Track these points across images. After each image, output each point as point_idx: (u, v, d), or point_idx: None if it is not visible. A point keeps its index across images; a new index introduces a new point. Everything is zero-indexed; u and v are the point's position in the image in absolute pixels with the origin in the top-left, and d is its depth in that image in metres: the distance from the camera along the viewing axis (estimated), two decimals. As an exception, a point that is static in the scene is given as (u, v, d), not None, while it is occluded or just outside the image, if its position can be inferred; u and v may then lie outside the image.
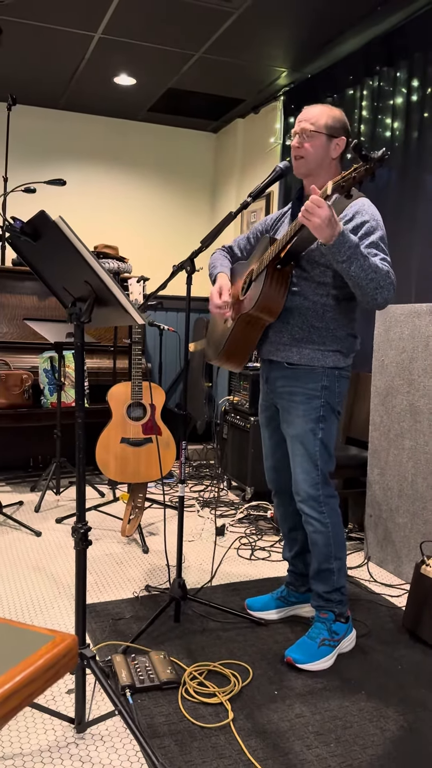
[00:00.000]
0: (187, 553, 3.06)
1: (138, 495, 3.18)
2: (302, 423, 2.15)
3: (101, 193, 5.19)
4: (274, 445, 2.36)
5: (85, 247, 1.55)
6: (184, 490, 2.34)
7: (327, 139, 2.09)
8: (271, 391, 2.28)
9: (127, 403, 3.13)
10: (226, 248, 2.47)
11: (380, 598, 2.65)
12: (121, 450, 3.11)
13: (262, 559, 3.02)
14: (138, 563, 2.93)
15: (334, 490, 2.20)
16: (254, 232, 2.41)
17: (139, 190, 5.31)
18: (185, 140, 5.42)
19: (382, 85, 3.56)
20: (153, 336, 5.05)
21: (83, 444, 1.72)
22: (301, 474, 2.16)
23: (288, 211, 2.29)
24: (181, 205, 5.45)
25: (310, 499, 2.15)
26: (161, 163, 5.36)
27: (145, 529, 3.37)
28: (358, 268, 1.89)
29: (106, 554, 3.03)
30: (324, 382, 2.13)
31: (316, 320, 2.11)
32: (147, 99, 4.76)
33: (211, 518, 3.59)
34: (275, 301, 2.09)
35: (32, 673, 0.96)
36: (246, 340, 2.21)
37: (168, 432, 3.18)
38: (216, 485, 4.20)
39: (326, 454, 2.16)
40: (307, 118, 2.09)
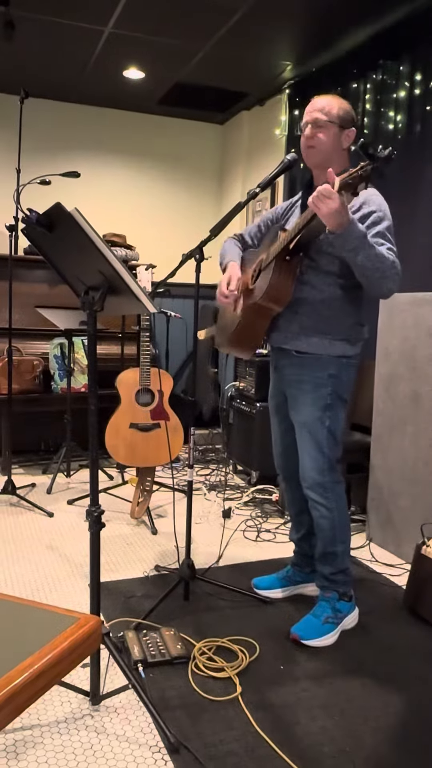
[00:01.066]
0: (195, 535, 3.08)
1: (146, 479, 3.19)
2: (310, 410, 2.14)
3: (110, 183, 5.16)
4: (283, 432, 2.36)
5: (100, 238, 1.55)
6: (192, 474, 2.34)
7: (339, 129, 2.09)
8: (280, 378, 2.28)
9: (135, 388, 3.13)
10: (238, 236, 2.46)
11: (382, 578, 2.66)
12: (130, 435, 3.11)
13: (268, 541, 3.04)
14: (147, 544, 2.95)
15: (340, 476, 2.20)
16: (265, 221, 2.40)
17: (148, 181, 5.29)
18: (193, 132, 5.38)
19: (385, 79, 3.52)
20: (160, 323, 5.04)
21: (96, 430, 1.72)
22: (309, 461, 2.16)
23: (298, 200, 2.28)
24: (188, 195, 5.42)
25: (317, 485, 2.16)
26: (169, 154, 5.33)
27: (154, 512, 3.38)
28: (364, 257, 1.89)
29: (117, 535, 3.05)
30: (331, 371, 2.13)
31: (324, 309, 2.10)
32: (156, 92, 4.72)
33: (217, 501, 3.61)
34: (283, 291, 2.09)
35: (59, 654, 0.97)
36: (254, 328, 2.21)
37: (176, 417, 3.18)
38: (222, 469, 4.20)
39: (333, 441, 2.16)
40: (319, 108, 2.08)
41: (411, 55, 3.35)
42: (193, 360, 2.35)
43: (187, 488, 2.33)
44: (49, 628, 1.04)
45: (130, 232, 4.98)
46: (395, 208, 3.45)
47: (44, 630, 1.03)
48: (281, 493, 3.38)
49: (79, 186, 4.99)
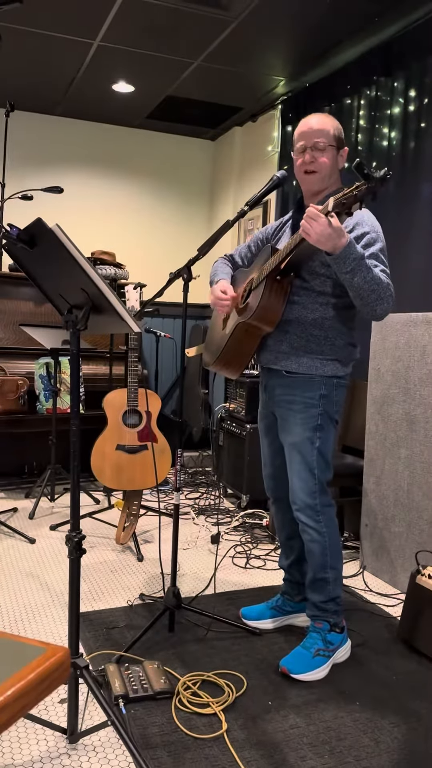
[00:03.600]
0: (182, 562, 3.05)
1: (133, 502, 3.17)
2: (300, 431, 2.15)
3: (98, 199, 5.19)
4: (273, 453, 2.36)
5: (82, 255, 1.56)
6: (180, 498, 2.33)
7: (335, 151, 2.12)
8: (269, 399, 2.29)
9: (122, 409, 3.13)
10: (228, 257, 2.49)
11: (375, 608, 2.64)
12: (116, 457, 3.10)
13: (258, 568, 3.02)
14: (132, 571, 2.92)
15: (331, 500, 2.20)
16: (255, 240, 2.43)
17: (137, 197, 5.32)
18: (183, 147, 5.43)
19: (379, 95, 3.58)
20: (149, 342, 5.05)
21: (78, 451, 1.71)
22: (298, 482, 2.16)
23: (289, 220, 2.30)
24: (178, 212, 5.46)
25: (307, 507, 2.15)
26: (159, 170, 5.37)
27: (140, 537, 3.36)
28: (361, 279, 1.90)
29: (101, 562, 3.02)
30: (322, 391, 2.14)
31: (315, 329, 2.12)
32: (145, 106, 4.78)
33: (206, 526, 3.59)
34: (273, 311, 2.10)
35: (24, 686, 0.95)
36: (243, 348, 2.22)
37: (164, 439, 3.18)
38: (211, 493, 4.19)
39: (323, 462, 2.16)
40: (318, 130, 2.10)
41: (405, 71, 3.41)
42: (182, 380, 2.35)
43: (174, 512, 2.31)
44: (14, 660, 1.02)
45: (119, 250, 5.01)
46: (389, 226, 3.49)
47: (9, 662, 1.02)
48: (272, 518, 3.36)
49: (68, 202, 5.03)
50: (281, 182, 2.20)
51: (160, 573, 2.86)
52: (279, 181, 2.20)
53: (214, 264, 2.47)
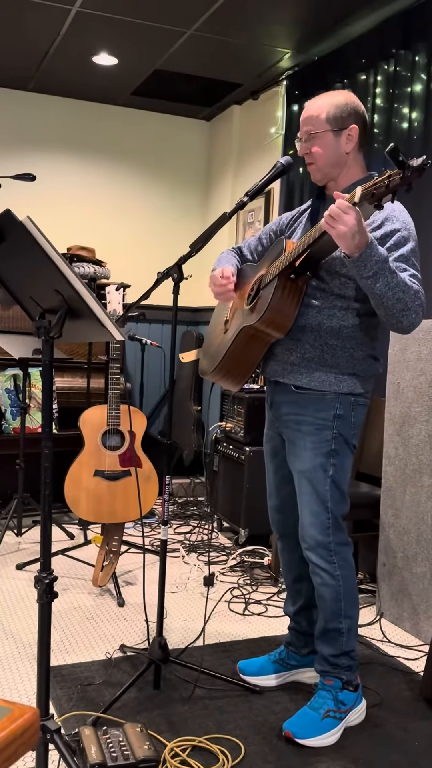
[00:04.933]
0: (170, 607, 3.04)
1: (113, 537, 3.16)
2: (311, 457, 2.15)
3: (77, 188, 5.22)
4: (279, 482, 2.36)
5: (57, 252, 1.56)
6: (167, 533, 2.32)
7: (334, 134, 2.11)
8: (276, 418, 2.28)
9: (102, 429, 3.13)
10: (235, 249, 2.49)
11: (395, 662, 2.63)
12: (94, 484, 3.09)
13: (258, 615, 3.01)
14: (112, 618, 2.91)
15: (347, 537, 2.20)
16: (267, 232, 2.43)
17: (120, 186, 5.35)
18: (174, 129, 5.47)
19: (398, 70, 3.62)
20: (134, 352, 5.05)
21: (50, 478, 1.71)
22: (309, 516, 2.16)
23: (307, 210, 2.30)
24: (168, 202, 5.49)
25: (319, 546, 2.15)
26: (146, 154, 5.40)
27: (121, 578, 3.35)
28: (384, 285, 1.90)
29: (75, 607, 3.01)
30: (337, 411, 2.13)
31: (332, 338, 2.12)
32: (130, 81, 4.81)
33: (198, 565, 3.57)
34: (285, 315, 2.10)
35: (-16, 752, 0.94)
36: (247, 356, 2.22)
37: (149, 464, 3.18)
38: (205, 526, 4.18)
39: (338, 494, 2.16)
40: (307, 117, 2.12)
41: (427, 42, 3.45)
42: (171, 396, 2.35)
43: (161, 549, 2.30)
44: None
45: (100, 245, 5.02)
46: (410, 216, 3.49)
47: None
48: (275, 556, 3.36)
49: (41, 190, 5.05)
50: (286, 169, 2.21)
51: (145, 620, 2.85)
52: (283, 169, 2.21)
53: (220, 256, 2.47)
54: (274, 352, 2.20)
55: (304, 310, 2.12)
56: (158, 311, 4.85)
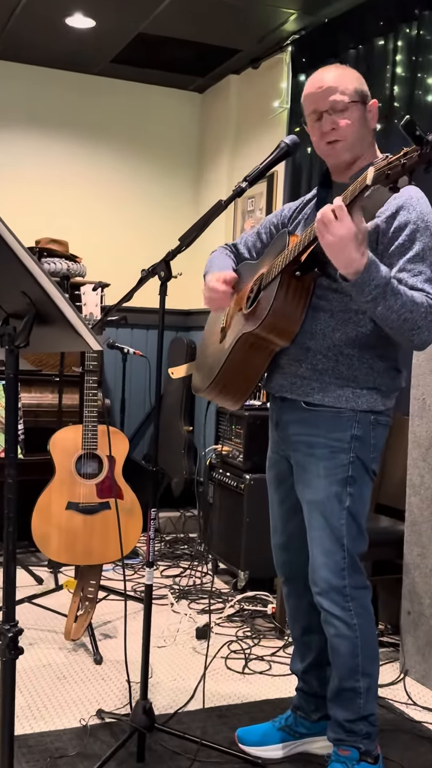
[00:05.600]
0: (156, 664, 3.03)
1: (89, 582, 3.15)
2: (324, 485, 2.15)
3: (47, 170, 5.23)
4: (286, 515, 2.35)
5: (22, 246, 1.56)
6: (153, 576, 2.31)
7: (362, 107, 2.14)
8: (282, 439, 2.29)
9: (76, 454, 3.12)
10: (230, 246, 2.51)
11: (422, 728, 2.62)
12: (66, 519, 3.08)
13: (260, 673, 3.00)
14: (87, 678, 2.90)
15: (365, 580, 2.20)
16: (266, 226, 2.45)
17: (98, 168, 5.36)
18: (161, 102, 5.49)
19: (422, 34, 3.64)
20: (114, 362, 5.05)
21: (14, 512, 1.70)
22: (321, 556, 2.16)
23: (312, 200, 2.32)
24: (154, 188, 5.50)
25: (332, 590, 2.15)
26: (128, 131, 5.42)
27: (98, 630, 3.34)
28: (386, 309, 1.93)
29: (44, 665, 3.00)
30: (355, 431, 2.14)
31: (347, 347, 2.13)
32: (110, 47, 4.84)
33: (189, 615, 3.56)
34: (290, 318, 2.10)
35: None
36: (248, 368, 2.23)
37: (132, 495, 3.17)
38: (197, 569, 4.16)
39: (355, 528, 2.16)
40: (332, 87, 2.12)
41: (455, 4, 3.48)
42: (157, 414, 2.34)
43: (146, 596, 2.29)
44: None
45: (74, 237, 5.02)
46: None
47: None
48: (280, 603, 3.35)
49: (7, 173, 5.05)
50: (291, 150, 2.22)
51: (126, 681, 2.83)
52: (288, 149, 2.22)
53: (212, 254, 2.49)
54: (280, 363, 2.21)
55: (314, 314, 2.13)
56: (143, 315, 4.84)
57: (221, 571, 4.12)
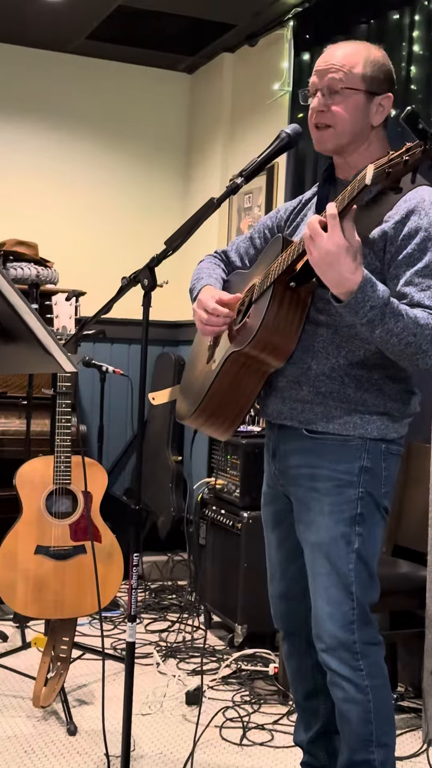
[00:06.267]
0: (139, 735, 3.02)
1: (62, 639, 3.13)
2: (329, 525, 2.15)
3: (14, 161, 5.24)
4: (285, 559, 2.35)
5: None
6: (136, 632, 2.30)
7: (366, 98, 2.14)
8: (281, 472, 2.29)
9: (46, 489, 3.11)
10: (219, 253, 2.52)
11: (449, 808, 2.61)
12: (35, 566, 3.07)
13: (261, 744, 2.99)
14: (60, 751, 2.88)
15: (377, 634, 2.19)
16: (260, 230, 2.46)
17: (72, 159, 5.37)
18: (144, 84, 5.51)
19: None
20: (90, 383, 5.04)
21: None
22: (326, 606, 2.15)
23: (312, 199, 2.34)
24: (137, 182, 5.51)
25: (340, 647, 2.14)
26: (107, 117, 5.44)
27: (72, 696, 3.32)
28: (385, 332, 1.93)
29: (9, 736, 2.98)
30: (364, 462, 2.14)
31: (354, 366, 2.13)
32: (86, 21, 4.86)
33: (178, 676, 3.54)
34: (284, 335, 2.11)
35: None
36: (238, 391, 2.23)
37: (111, 536, 3.17)
38: (187, 622, 4.14)
39: (366, 574, 2.16)
40: (335, 65, 2.13)
41: None
42: (140, 442, 2.35)
43: (127, 655, 2.28)
44: None
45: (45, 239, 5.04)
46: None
47: None
48: (282, 662, 3.33)
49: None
50: (293, 141, 2.23)
51: (105, 754, 2.81)
52: (289, 140, 2.23)
53: (199, 265, 2.50)
54: (278, 386, 2.21)
55: (314, 330, 2.14)
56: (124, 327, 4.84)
57: (215, 625, 4.10)
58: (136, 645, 2.45)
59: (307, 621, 2.24)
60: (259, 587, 3.43)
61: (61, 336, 3.11)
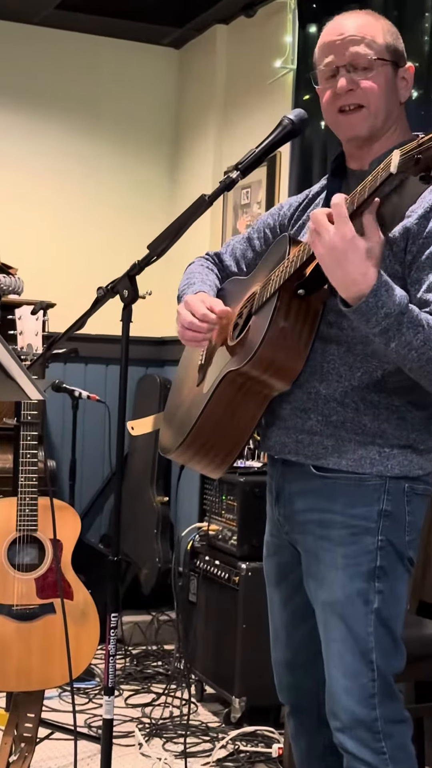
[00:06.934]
0: None
1: (26, 716, 3.13)
2: (343, 580, 2.13)
3: (-30, 151, 5.26)
4: (291, 621, 2.35)
5: None
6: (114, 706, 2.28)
7: (394, 70, 2.16)
8: (285, 518, 2.28)
9: (9, 537, 3.12)
10: (212, 256, 2.53)
11: None
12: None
13: None
14: None
15: (403, 710, 2.17)
16: (261, 228, 2.47)
17: (40, 148, 5.40)
18: (124, 60, 5.55)
19: (472, -28, 3.70)
20: (61, 410, 5.04)
21: None
22: (342, 678, 2.14)
23: (321, 193, 2.34)
24: (115, 175, 5.53)
25: (359, 726, 2.12)
26: (80, 99, 5.47)
27: (40, 782, 3.30)
28: (402, 345, 1.92)
29: None
30: (383, 505, 2.13)
31: (371, 390, 2.13)
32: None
33: (165, 759, 3.54)
34: (290, 352, 2.11)
35: None
36: (235, 419, 2.22)
37: (85, 592, 3.17)
38: (176, 694, 4.14)
39: (388, 639, 2.14)
40: (356, 37, 2.13)
41: None
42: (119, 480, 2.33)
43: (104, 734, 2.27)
44: None
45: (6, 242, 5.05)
46: None
47: None
48: (288, 743, 3.32)
49: None
50: (297, 129, 2.23)
51: None
52: (293, 128, 2.22)
53: (188, 268, 2.51)
54: (280, 413, 2.21)
55: (325, 347, 2.14)
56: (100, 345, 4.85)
57: (208, 698, 4.11)
58: (115, 722, 2.44)
59: (318, 694, 2.23)
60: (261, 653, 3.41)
61: (26, 356, 3.10)
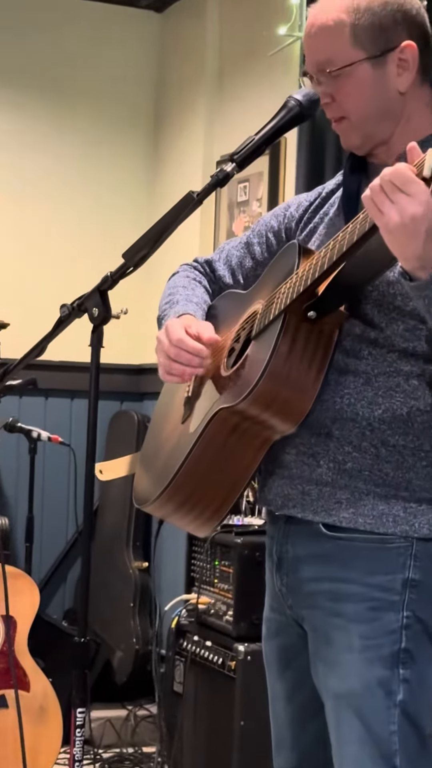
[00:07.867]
0: None
1: None
2: (360, 667, 2.14)
3: None
4: (297, 716, 2.36)
5: None
6: None
7: (371, 64, 2.17)
8: (289, 589, 2.28)
9: None
10: (201, 264, 2.55)
11: None
12: None
13: None
14: None
15: None
16: (262, 231, 2.49)
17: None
18: (97, 26, 5.58)
19: None
20: (15, 454, 5.04)
21: None
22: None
23: (336, 191, 2.37)
24: (83, 167, 5.55)
25: None
26: (40, 73, 5.50)
27: None
28: None
29: None
30: (410, 573, 2.14)
31: (394, 432, 2.14)
32: None
33: None
34: (298, 386, 2.12)
35: None
36: (229, 465, 2.23)
37: (45, 682, 3.21)
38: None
39: (415, 740, 2.14)
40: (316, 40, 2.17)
41: None
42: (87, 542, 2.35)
43: None
44: None
45: None
46: None
47: None
48: None
49: None
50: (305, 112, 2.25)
51: None
52: (300, 111, 2.24)
53: (171, 280, 2.53)
54: (283, 460, 2.22)
55: (339, 380, 2.15)
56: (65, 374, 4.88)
57: None
58: None
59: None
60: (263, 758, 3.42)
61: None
